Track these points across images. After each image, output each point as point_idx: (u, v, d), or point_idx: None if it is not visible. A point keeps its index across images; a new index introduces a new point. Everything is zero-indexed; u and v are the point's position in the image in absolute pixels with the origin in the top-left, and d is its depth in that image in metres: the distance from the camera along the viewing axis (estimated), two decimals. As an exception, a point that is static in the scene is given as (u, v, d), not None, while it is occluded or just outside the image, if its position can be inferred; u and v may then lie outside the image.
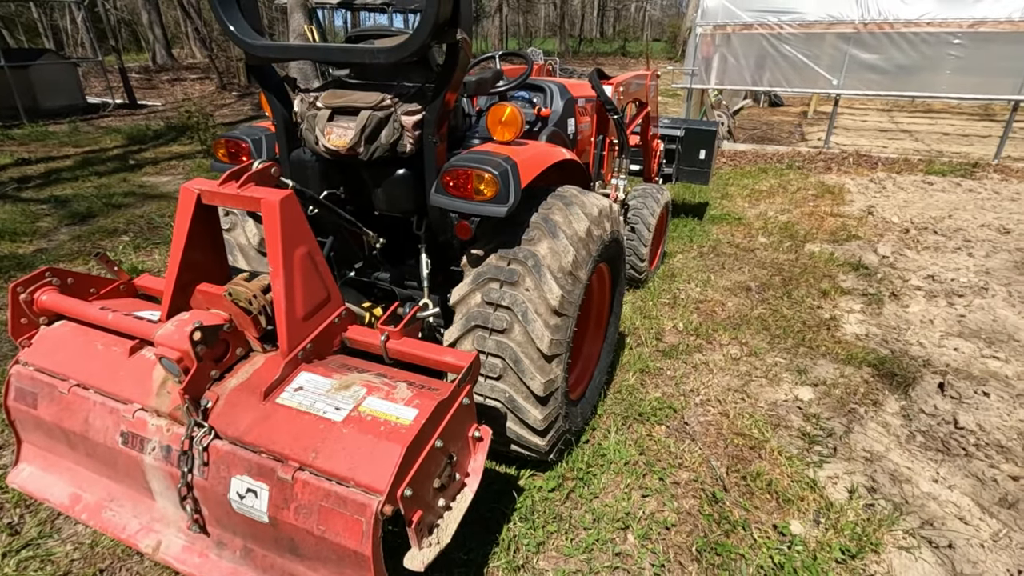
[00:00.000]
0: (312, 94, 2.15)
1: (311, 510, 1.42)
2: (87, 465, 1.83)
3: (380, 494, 1.35)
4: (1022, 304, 4.08)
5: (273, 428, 1.51)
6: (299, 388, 1.60)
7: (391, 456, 1.39)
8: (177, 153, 8.40)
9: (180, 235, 1.74)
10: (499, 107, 2.18)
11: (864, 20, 7.95)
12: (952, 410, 2.88)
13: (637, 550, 2.11)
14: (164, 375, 1.69)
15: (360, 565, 1.38)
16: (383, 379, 1.63)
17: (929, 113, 15.00)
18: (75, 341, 1.86)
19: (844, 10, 8.07)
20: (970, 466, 2.55)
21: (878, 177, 7.54)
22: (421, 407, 1.50)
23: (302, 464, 1.45)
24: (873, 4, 7.83)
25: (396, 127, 2.02)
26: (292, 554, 1.51)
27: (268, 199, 1.61)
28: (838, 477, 2.44)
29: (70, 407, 1.76)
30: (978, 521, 2.25)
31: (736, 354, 3.37)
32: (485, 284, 2.07)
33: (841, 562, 2.04)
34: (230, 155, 2.44)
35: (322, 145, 2.07)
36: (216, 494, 1.54)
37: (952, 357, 3.41)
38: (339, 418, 1.49)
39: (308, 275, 1.70)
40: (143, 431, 1.64)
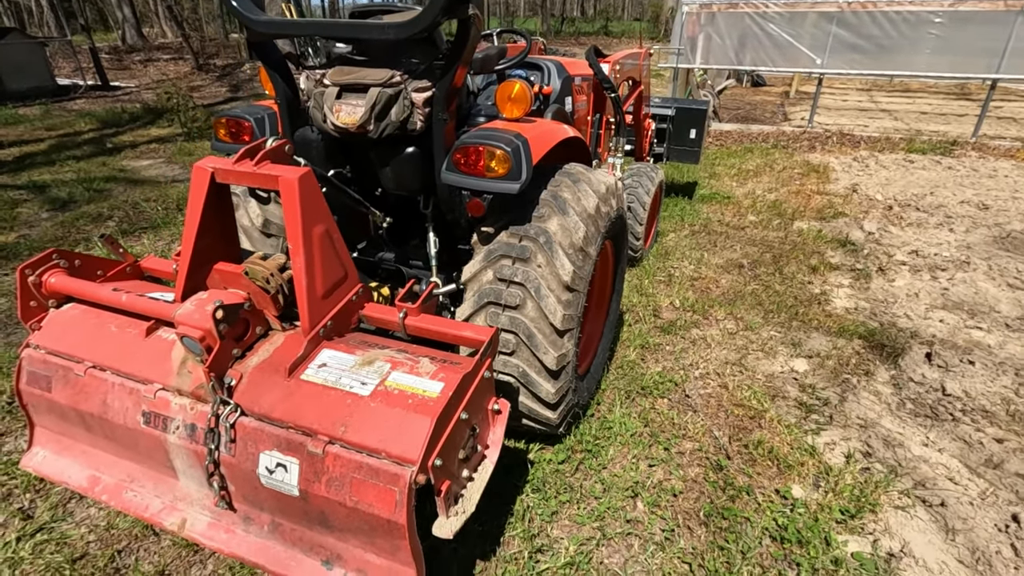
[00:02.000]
0: (318, 71, 2.13)
1: (343, 482, 1.44)
2: (105, 447, 1.83)
3: (413, 464, 1.38)
4: (1002, 277, 4.23)
5: (300, 404, 1.53)
6: (323, 365, 1.61)
7: (421, 427, 1.41)
8: (156, 136, 8.19)
9: (194, 215, 1.73)
10: (508, 84, 2.18)
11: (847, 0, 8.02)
12: (939, 378, 3.00)
13: (647, 516, 2.18)
14: (184, 355, 1.69)
15: (394, 534, 1.41)
16: (405, 355, 1.66)
17: (907, 93, 15.21)
18: (87, 323, 1.85)
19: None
20: (957, 430, 2.67)
21: (861, 156, 7.67)
22: (447, 380, 1.52)
23: (332, 438, 1.47)
24: (857, -17, 7.90)
25: (406, 104, 2.01)
26: (322, 526, 1.54)
27: (286, 176, 1.60)
28: (835, 443, 2.54)
29: (86, 389, 1.75)
30: (966, 481, 2.37)
31: (732, 329, 3.45)
32: (497, 261, 2.09)
33: (841, 522, 2.14)
34: (231, 135, 2.41)
35: (330, 123, 2.06)
36: (244, 470, 1.56)
37: (938, 328, 3.53)
38: (366, 392, 1.51)
39: (327, 253, 1.70)
40: (166, 410, 1.64)
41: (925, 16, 7.77)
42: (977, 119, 8.20)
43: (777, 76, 16.31)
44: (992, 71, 7.83)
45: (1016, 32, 7.37)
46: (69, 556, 2.02)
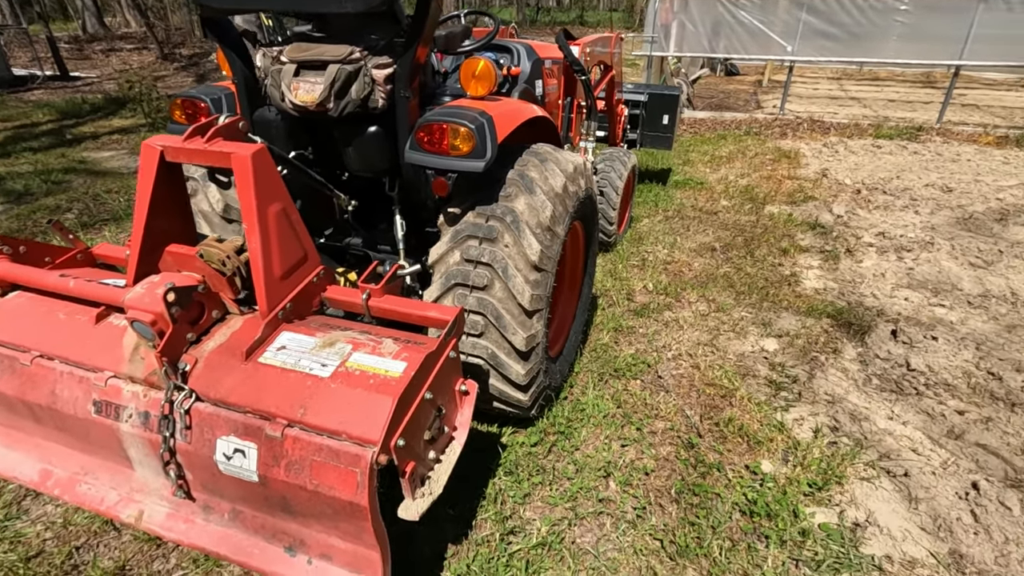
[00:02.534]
0: (275, 48, 2.06)
1: (303, 465, 1.40)
2: (56, 439, 1.76)
3: (374, 444, 1.35)
4: (964, 256, 4.33)
5: (258, 387, 1.48)
6: (282, 347, 1.57)
7: (383, 407, 1.38)
8: (119, 127, 7.92)
9: (144, 196, 1.66)
10: (472, 61, 2.14)
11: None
12: (904, 354, 3.06)
13: (619, 496, 2.18)
14: (136, 341, 1.62)
15: (357, 516, 1.38)
16: (367, 335, 1.62)
17: (875, 81, 15.48)
18: (33, 311, 1.77)
19: (797, -25, 8.20)
20: (921, 403, 2.72)
21: (831, 142, 7.78)
22: (410, 360, 1.49)
23: (291, 421, 1.43)
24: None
25: (367, 81, 1.96)
26: (284, 512, 1.50)
27: (239, 153, 1.54)
28: (803, 419, 2.58)
29: (33, 379, 1.68)
30: (929, 452, 2.42)
31: (704, 311, 3.47)
32: (464, 242, 2.06)
33: (808, 495, 2.17)
34: (187, 116, 2.33)
35: (288, 101, 2.00)
36: (201, 457, 1.51)
37: (903, 306, 3.60)
38: (326, 374, 1.47)
39: (284, 233, 1.65)
40: (118, 398, 1.58)
41: (892, 3, 7.89)
42: (941, 106, 8.37)
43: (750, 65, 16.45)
44: (955, 58, 8.00)
45: (978, 19, 7.53)
46: (23, 554, 1.95)
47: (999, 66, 9.51)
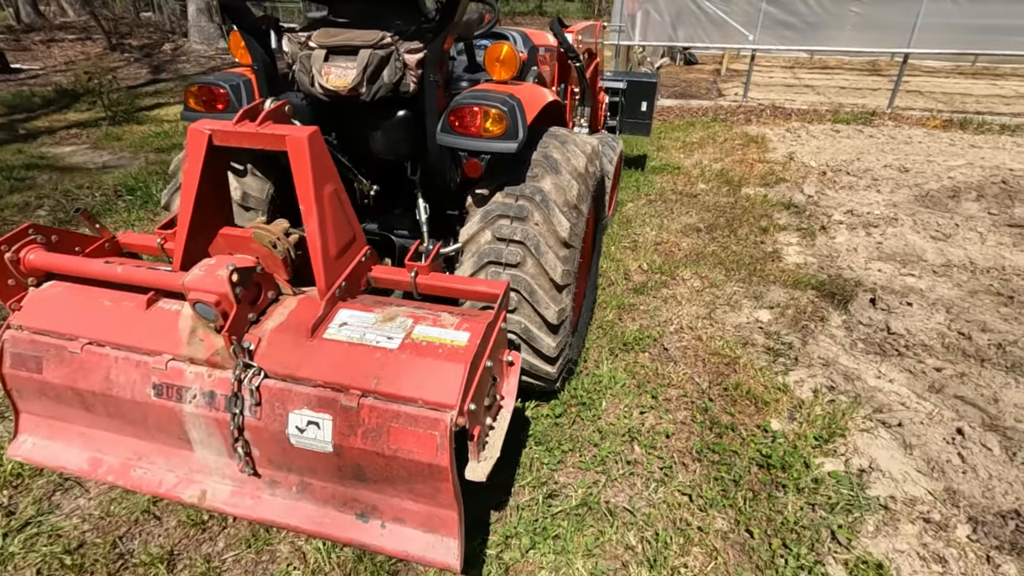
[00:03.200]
0: (301, 34, 2.08)
1: (380, 432, 1.47)
2: (107, 425, 1.76)
3: (451, 409, 1.43)
4: (925, 231, 4.67)
5: (327, 362, 1.53)
6: (343, 324, 1.62)
7: (456, 374, 1.46)
8: (76, 121, 7.57)
9: (192, 180, 1.67)
10: (496, 46, 2.21)
11: (775, -24, 8.43)
12: (884, 319, 3.31)
13: (645, 457, 2.32)
14: (193, 323, 1.64)
15: (436, 477, 1.46)
16: (424, 310, 1.68)
17: (825, 69, 16.14)
18: (74, 300, 1.76)
19: (757, -34, 8.51)
20: (903, 363, 2.97)
21: (793, 127, 8.14)
22: (472, 330, 1.57)
23: (365, 391, 1.49)
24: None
25: (398, 66, 2.01)
26: (356, 480, 1.56)
27: (295, 135, 1.58)
28: (803, 381, 2.78)
29: (85, 366, 1.68)
30: (916, 404, 2.65)
31: (699, 287, 3.65)
32: (495, 221, 2.13)
33: (816, 447, 2.36)
34: (205, 103, 2.31)
35: (319, 86, 2.02)
36: (271, 432, 1.55)
37: (877, 277, 3.87)
38: (394, 346, 1.54)
39: (337, 213, 1.70)
40: (180, 380, 1.60)
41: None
42: (892, 92, 8.86)
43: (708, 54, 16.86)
44: (904, 46, 8.47)
45: (924, 9, 8.00)
46: (65, 547, 1.94)
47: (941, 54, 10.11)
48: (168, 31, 14.71)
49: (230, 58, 12.28)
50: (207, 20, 12.38)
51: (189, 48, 12.47)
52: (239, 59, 2.49)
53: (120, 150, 6.42)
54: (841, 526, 2.02)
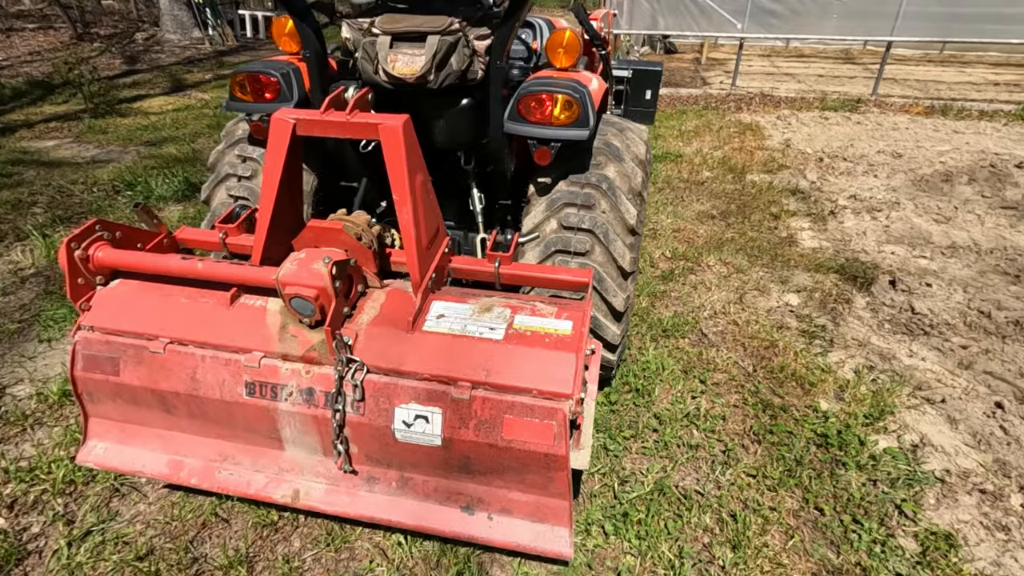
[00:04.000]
0: (363, 20, 2.02)
1: (493, 424, 1.46)
2: (187, 427, 1.70)
3: (568, 398, 1.43)
4: (927, 214, 4.82)
5: (431, 355, 1.51)
6: (440, 316, 1.59)
7: (569, 363, 1.45)
8: (54, 114, 7.23)
9: (274, 172, 1.62)
10: (559, 32, 2.18)
11: (764, -34, 8.53)
12: (907, 300, 3.41)
13: (706, 441, 2.35)
14: (282, 319, 1.60)
15: (551, 466, 1.45)
16: (517, 300, 1.67)
17: (801, 57, 16.42)
18: (149, 298, 1.69)
19: (745, -45, 8.60)
20: (930, 341, 3.07)
21: (783, 114, 8.28)
22: (574, 318, 1.56)
23: (475, 383, 1.47)
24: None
25: (466, 53, 1.97)
26: (463, 472, 1.55)
27: (388, 124, 1.54)
28: (843, 361, 2.85)
29: (167, 367, 1.62)
30: (951, 381, 2.75)
31: (725, 272, 3.70)
32: (561, 210, 2.12)
33: (867, 425, 2.43)
34: (254, 92, 2.23)
35: (384, 74, 1.97)
36: (374, 428, 1.52)
37: (891, 260, 3.98)
38: (499, 336, 1.52)
39: (428, 203, 1.67)
40: (275, 378, 1.56)
41: (831, -18, 8.44)
42: (875, 80, 9.08)
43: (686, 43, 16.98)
44: (887, 34, 8.68)
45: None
46: (136, 553, 1.87)
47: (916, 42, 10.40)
48: (136, 20, 14.12)
49: (207, 48, 11.88)
50: (181, 8, 11.93)
51: (163, 38, 12.01)
52: (282, 47, 2.41)
53: (107, 143, 6.16)
54: (905, 500, 2.09)
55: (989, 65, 14.25)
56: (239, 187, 2.38)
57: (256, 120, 2.24)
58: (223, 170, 2.41)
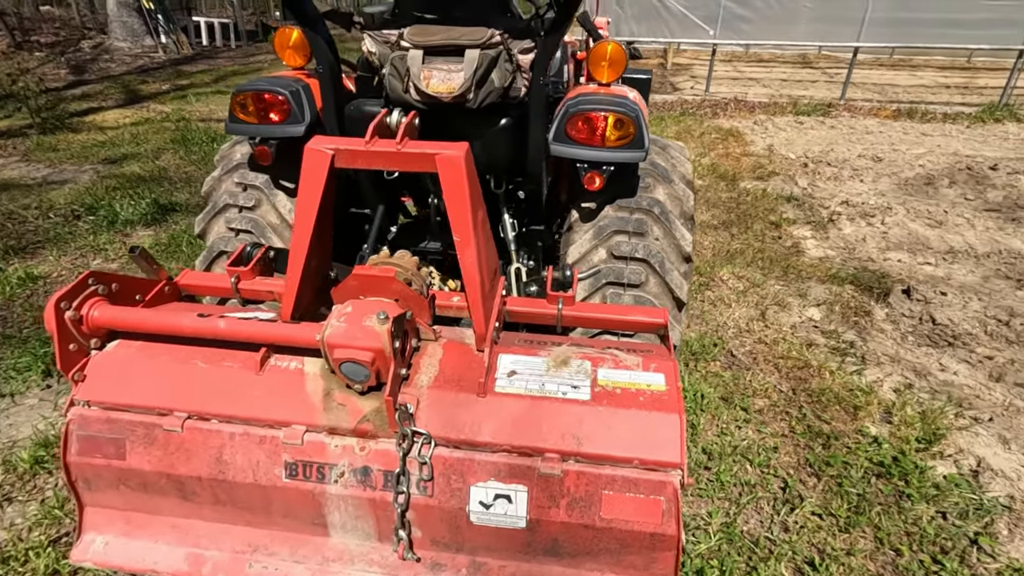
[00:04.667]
0: (389, 32, 1.80)
1: (590, 502, 1.25)
2: (209, 515, 1.44)
3: (677, 468, 1.24)
4: (919, 218, 4.86)
5: (509, 422, 1.30)
6: (511, 373, 1.38)
7: (672, 425, 1.27)
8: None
9: (309, 210, 1.38)
10: (601, 45, 2.01)
11: (734, -27, 8.63)
12: (924, 310, 3.37)
13: (761, 478, 2.21)
14: (325, 385, 1.36)
15: (656, 546, 1.26)
16: (592, 348, 1.47)
17: (761, 62, 16.79)
18: (156, 363, 1.42)
19: (716, -37, 8.69)
20: (956, 353, 3.02)
21: (760, 119, 8.36)
22: (664, 370, 1.38)
23: (565, 454, 1.27)
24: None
25: (508, 68, 1.77)
26: (548, 555, 1.34)
27: (448, 155, 1.32)
28: (880, 380, 2.76)
29: (187, 448, 1.35)
30: (988, 395, 2.69)
31: (741, 288, 3.60)
32: (610, 238, 1.94)
33: (922, 450, 2.33)
34: (259, 113, 1.97)
35: (416, 92, 1.75)
36: (445, 510, 1.30)
37: (898, 268, 3.97)
38: (585, 396, 1.32)
39: (489, 241, 1.46)
40: (322, 456, 1.32)
41: (799, -10, 8.60)
42: (844, 84, 9.29)
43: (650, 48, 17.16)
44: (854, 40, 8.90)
45: (872, 5, 8.41)
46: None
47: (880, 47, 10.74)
48: (81, 27, 13.30)
49: (161, 56, 11.27)
50: (131, 15, 11.28)
51: (111, 46, 11.32)
52: (286, 61, 2.17)
53: (59, 162, 5.66)
54: (979, 533, 1.98)
55: (936, 68, 14.87)
56: (240, 219, 2.11)
57: (261, 144, 1.98)
58: (221, 200, 2.14)
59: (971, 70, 14.68)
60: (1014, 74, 8.67)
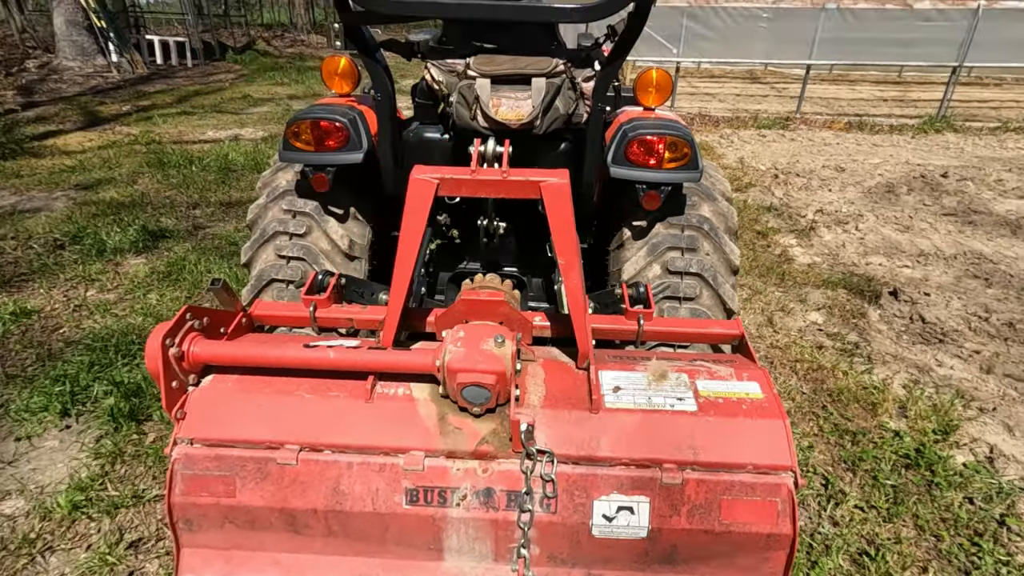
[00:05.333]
0: (454, 61, 1.84)
1: (709, 508, 1.32)
2: (318, 547, 1.42)
3: (789, 470, 1.32)
4: (888, 224, 5.21)
5: (626, 436, 1.35)
6: (617, 388, 1.44)
7: (778, 430, 1.35)
8: (-55, 156, 6.24)
9: (415, 237, 1.41)
10: (648, 72, 2.11)
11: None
12: (913, 311, 3.62)
13: (804, 476, 2.32)
14: (438, 409, 1.38)
15: (771, 546, 1.33)
16: (682, 362, 1.55)
17: (712, 78, 17.62)
18: (258, 397, 1.41)
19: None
20: (949, 348, 3.26)
21: (725, 133, 8.76)
22: (758, 379, 1.47)
23: (682, 463, 1.33)
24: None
25: (572, 96, 1.85)
26: (664, 563, 1.39)
27: (552, 182, 1.38)
28: (890, 378, 2.95)
29: (302, 480, 1.34)
30: (984, 386, 2.92)
31: (744, 295, 3.77)
32: (664, 254, 2.03)
33: (939, 441, 2.51)
34: (317, 141, 1.97)
35: (484, 119, 1.81)
36: (568, 526, 1.34)
37: (880, 271, 4.24)
38: (692, 408, 1.39)
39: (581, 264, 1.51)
40: (444, 481, 1.33)
41: (755, 11, 9.09)
42: (798, 99, 9.85)
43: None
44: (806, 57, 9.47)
45: (822, 25, 8.99)
46: None
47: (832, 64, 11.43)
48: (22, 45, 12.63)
49: (115, 76, 10.83)
50: (81, 33, 10.82)
51: (60, 65, 10.80)
52: (335, 89, 2.18)
53: (26, 189, 5.37)
54: (1004, 515, 2.15)
55: (872, 83, 15.96)
56: (291, 246, 2.09)
57: (319, 171, 1.98)
58: (270, 228, 2.11)
59: (903, 84, 15.85)
60: (949, 88, 9.42)
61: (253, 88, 10.95)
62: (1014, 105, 11.59)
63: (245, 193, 5.36)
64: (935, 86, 14.55)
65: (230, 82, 11.58)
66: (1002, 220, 5.30)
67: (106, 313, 3.31)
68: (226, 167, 5.98)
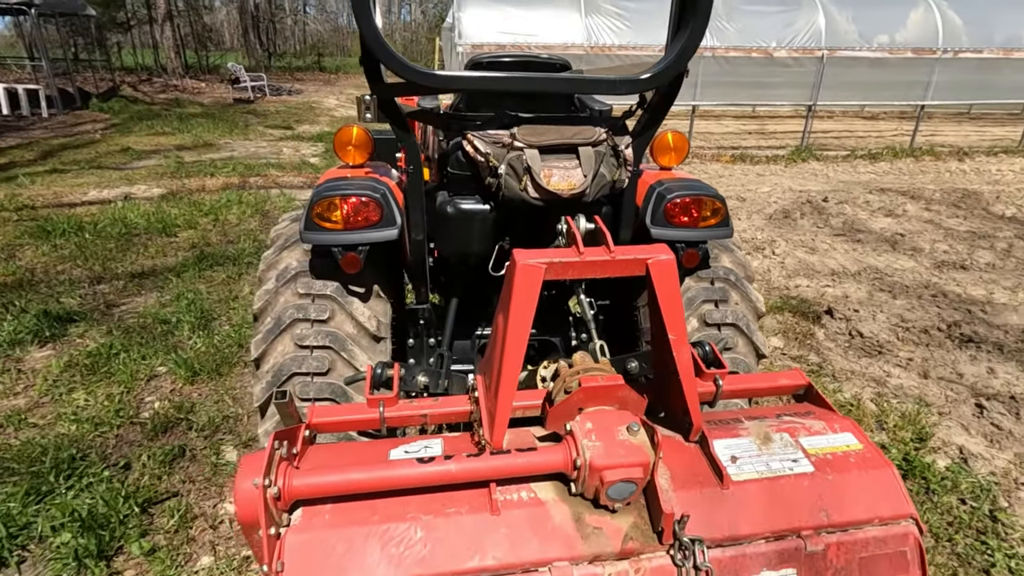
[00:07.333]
0: (494, 132, 1.79)
1: (850, 568, 1.33)
2: None
3: (910, 517, 1.38)
4: (799, 247, 5.81)
5: (760, 508, 1.34)
6: (734, 458, 1.43)
7: (891, 479, 1.41)
8: None
9: (524, 325, 1.33)
10: (664, 134, 2.19)
11: (590, 44, 9.70)
12: (849, 327, 4.04)
13: (825, 502, 2.45)
14: (571, 510, 1.29)
15: (905, 594, 1.38)
16: (772, 420, 1.58)
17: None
18: (366, 529, 1.22)
19: (573, 36, 9.70)
20: (888, 359, 3.66)
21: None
22: (848, 428, 1.53)
23: (818, 528, 1.34)
24: (595, 33, 9.65)
25: (615, 163, 1.86)
26: (807, 631, 1.38)
27: (661, 260, 1.37)
28: (858, 393, 3.24)
29: (437, 619, 1.17)
30: (928, 391, 3.31)
31: (708, 327, 3.98)
32: (700, 307, 2.09)
33: (919, 448, 2.78)
34: (345, 219, 1.80)
35: (533, 189, 1.77)
36: (722, 612, 1.29)
37: (808, 292, 4.70)
38: (808, 469, 1.41)
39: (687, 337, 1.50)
40: (596, 589, 1.23)
41: (645, 59, 9.92)
42: (687, 133, 10.80)
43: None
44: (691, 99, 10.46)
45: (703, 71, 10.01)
46: None
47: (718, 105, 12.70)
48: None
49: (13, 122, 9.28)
50: None
51: None
52: (348, 160, 2.03)
53: None
54: (992, 509, 2.42)
55: (733, 118, 18.03)
56: (314, 334, 1.88)
57: (349, 251, 1.81)
58: (286, 316, 1.88)
59: (758, 118, 18.07)
60: (808, 122, 10.85)
61: (132, 139, 9.91)
62: (850, 135, 13.64)
63: (158, 260, 4.78)
64: (785, 120, 16.74)
65: (101, 133, 10.40)
66: (881, 237, 6.12)
67: (22, 425, 2.74)
68: (126, 232, 5.31)
